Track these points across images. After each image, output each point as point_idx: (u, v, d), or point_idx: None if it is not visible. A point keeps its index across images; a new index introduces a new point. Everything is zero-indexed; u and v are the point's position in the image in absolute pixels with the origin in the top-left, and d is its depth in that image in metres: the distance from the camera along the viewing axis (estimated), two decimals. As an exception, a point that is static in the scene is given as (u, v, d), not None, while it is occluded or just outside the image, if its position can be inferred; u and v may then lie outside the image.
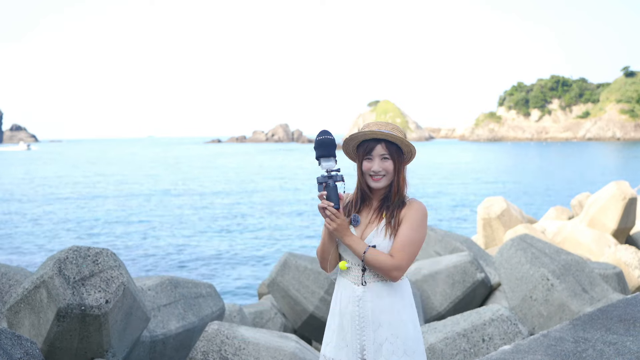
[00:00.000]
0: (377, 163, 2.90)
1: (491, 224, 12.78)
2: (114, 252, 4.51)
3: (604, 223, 11.43)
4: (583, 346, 3.91)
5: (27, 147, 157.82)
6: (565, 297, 6.17)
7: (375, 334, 2.88)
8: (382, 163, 2.90)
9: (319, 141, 2.79)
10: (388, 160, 2.90)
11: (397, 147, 2.92)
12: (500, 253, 7.07)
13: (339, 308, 2.98)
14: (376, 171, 2.90)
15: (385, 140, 2.90)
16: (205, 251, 20.36)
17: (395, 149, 2.92)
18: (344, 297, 2.96)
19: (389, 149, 2.89)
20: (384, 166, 2.90)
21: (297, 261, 7.23)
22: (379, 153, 2.89)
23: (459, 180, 49.25)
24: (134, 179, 53.49)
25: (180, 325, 5.43)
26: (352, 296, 2.92)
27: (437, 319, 7.21)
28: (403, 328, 2.90)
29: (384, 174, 2.90)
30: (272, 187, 45.21)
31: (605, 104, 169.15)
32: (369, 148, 2.91)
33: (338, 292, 3.01)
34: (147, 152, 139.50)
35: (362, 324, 2.89)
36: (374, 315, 2.88)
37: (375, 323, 2.88)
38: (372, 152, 2.90)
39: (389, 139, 2.89)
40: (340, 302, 2.98)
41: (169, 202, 35.13)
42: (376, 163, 2.90)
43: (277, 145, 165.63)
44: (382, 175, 2.90)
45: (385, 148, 2.89)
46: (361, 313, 2.89)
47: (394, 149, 2.91)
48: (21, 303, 4.35)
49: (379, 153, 2.89)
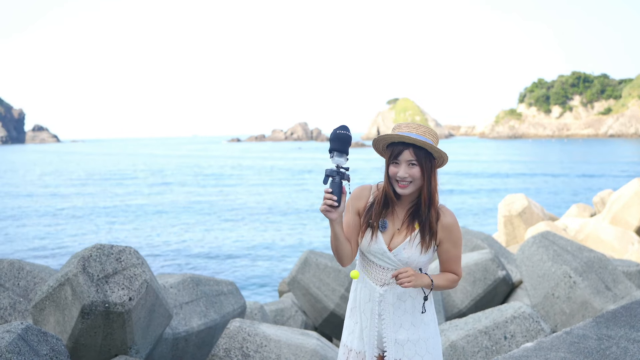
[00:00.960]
0: (403, 169, 2.76)
1: (512, 221, 12.70)
2: (136, 250, 4.55)
3: (627, 220, 11.31)
4: (607, 343, 3.88)
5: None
6: (588, 294, 6.12)
7: (397, 334, 2.86)
8: (409, 169, 2.75)
9: (337, 135, 2.65)
10: (415, 167, 2.75)
11: (426, 152, 2.77)
12: (522, 250, 7.02)
13: (358, 303, 2.95)
14: (402, 177, 2.76)
15: (414, 145, 2.76)
16: (226, 249, 20.46)
17: (425, 155, 2.76)
18: (363, 295, 2.92)
19: (417, 155, 2.75)
20: (411, 172, 2.75)
21: (318, 259, 7.24)
22: (406, 159, 2.75)
23: (479, 177, 48.96)
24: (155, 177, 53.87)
25: (202, 322, 5.47)
26: (372, 295, 2.88)
27: (458, 316, 7.19)
28: (424, 328, 2.89)
29: (410, 181, 2.77)
30: (293, 184, 45.28)
31: (627, 100, 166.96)
32: (396, 152, 2.78)
33: (357, 288, 2.96)
34: (169, 151, 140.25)
35: (382, 323, 2.87)
36: (395, 316, 2.86)
37: (397, 323, 2.86)
38: (399, 157, 2.77)
39: (418, 144, 2.75)
40: (360, 299, 2.94)
41: (190, 200, 35.33)
42: (402, 169, 2.76)
43: (296, 144, 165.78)
44: (409, 182, 2.77)
45: (413, 154, 2.75)
46: (381, 312, 2.87)
47: (423, 155, 2.76)
48: (46, 300, 4.41)
49: (406, 159, 2.76)
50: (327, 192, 2.65)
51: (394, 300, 2.86)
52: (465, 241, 8.82)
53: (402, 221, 2.87)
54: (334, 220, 2.70)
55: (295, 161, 79.40)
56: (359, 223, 2.91)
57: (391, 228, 2.87)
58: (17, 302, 5.05)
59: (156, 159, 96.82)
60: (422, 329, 2.89)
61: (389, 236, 2.86)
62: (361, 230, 2.90)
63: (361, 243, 2.90)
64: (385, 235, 2.86)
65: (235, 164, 76.81)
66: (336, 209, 2.67)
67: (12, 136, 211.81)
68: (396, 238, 2.85)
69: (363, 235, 2.88)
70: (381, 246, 2.84)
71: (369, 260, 2.91)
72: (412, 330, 2.86)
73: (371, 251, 2.86)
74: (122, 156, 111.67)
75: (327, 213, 2.66)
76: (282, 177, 52.72)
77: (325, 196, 2.65)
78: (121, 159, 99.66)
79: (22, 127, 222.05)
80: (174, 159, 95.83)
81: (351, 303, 3.02)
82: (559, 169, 57.63)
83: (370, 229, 2.87)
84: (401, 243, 2.83)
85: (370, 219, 2.87)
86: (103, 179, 53.33)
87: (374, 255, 2.87)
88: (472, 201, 33.43)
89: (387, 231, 2.86)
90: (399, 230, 2.86)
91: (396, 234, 2.86)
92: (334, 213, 2.67)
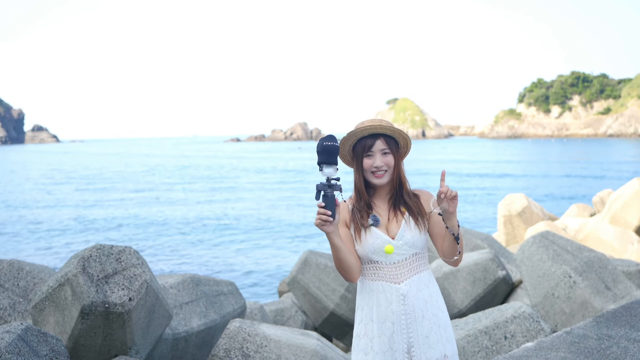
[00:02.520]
0: (378, 158, 2.85)
1: (512, 221, 12.70)
2: (136, 250, 4.55)
3: (627, 220, 11.31)
4: (607, 343, 3.87)
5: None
6: (588, 294, 6.12)
7: (422, 327, 2.84)
8: (384, 158, 2.86)
9: (324, 147, 2.59)
10: (389, 155, 2.87)
11: (394, 141, 2.90)
12: (522, 250, 7.02)
13: (376, 313, 2.85)
14: (379, 166, 2.85)
15: (383, 135, 2.87)
16: (226, 249, 20.46)
17: (394, 143, 2.90)
18: (383, 300, 2.85)
19: (388, 144, 2.87)
20: (386, 161, 2.86)
21: (318, 259, 7.24)
22: (380, 148, 2.86)
23: (479, 177, 48.97)
24: (157, 177, 53.88)
25: (202, 322, 5.46)
26: (395, 295, 2.83)
27: (458, 316, 7.18)
28: (442, 315, 2.91)
29: (386, 169, 2.87)
30: (292, 183, 45.28)
31: (626, 99, 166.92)
32: (368, 145, 2.86)
33: (373, 297, 2.88)
34: (168, 151, 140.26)
35: (409, 320, 2.82)
36: (417, 309, 2.84)
37: (420, 316, 2.84)
38: (373, 148, 2.86)
39: (388, 133, 2.87)
40: (378, 306, 2.86)
41: (189, 200, 35.32)
42: (378, 158, 2.85)
43: (296, 144, 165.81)
44: (385, 171, 2.87)
45: (385, 142, 2.86)
46: (407, 310, 2.83)
47: (393, 143, 2.89)
48: (46, 301, 4.40)
49: (379, 148, 2.86)
50: (320, 207, 2.62)
51: (415, 292, 2.85)
52: (465, 241, 8.82)
53: (387, 212, 2.91)
54: (330, 232, 2.67)
55: (295, 161, 79.39)
56: (349, 234, 2.90)
57: (382, 221, 2.90)
58: (16, 303, 5.05)
59: (155, 159, 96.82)
60: (441, 316, 2.89)
61: (383, 229, 2.88)
62: (356, 236, 2.88)
63: (362, 247, 2.87)
64: (381, 228, 2.88)
65: (235, 164, 76.79)
66: (331, 223, 2.65)
67: (11, 136, 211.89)
68: (392, 227, 2.88)
69: (360, 239, 2.86)
70: (383, 237, 2.85)
71: (377, 264, 2.87)
72: (433, 320, 2.86)
73: (375, 249, 2.84)
74: (123, 156, 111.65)
75: (323, 227, 2.64)
76: (283, 177, 52.73)
77: (319, 211, 2.62)
78: (121, 159, 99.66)
79: (21, 128, 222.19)
80: (172, 159, 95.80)
81: (364, 319, 2.92)
82: (558, 168, 57.64)
83: (364, 230, 2.87)
84: (400, 228, 2.86)
85: (361, 218, 2.89)
86: (102, 179, 53.32)
87: (379, 254, 2.85)
88: (471, 200, 33.44)
89: (380, 225, 2.88)
90: (389, 220, 2.89)
91: (388, 223, 2.89)
92: (329, 226, 2.64)
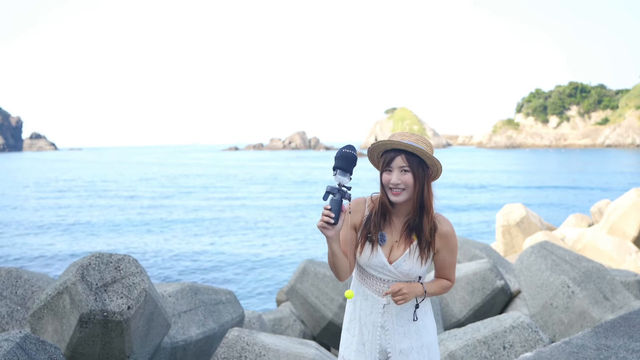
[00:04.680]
0: (396, 175, 2.75)
1: (510, 231, 12.70)
2: (135, 259, 4.55)
3: (625, 230, 11.32)
4: (605, 354, 3.87)
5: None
6: (587, 304, 6.12)
7: (400, 344, 2.85)
8: (402, 176, 2.74)
9: (343, 154, 2.63)
10: (408, 173, 2.74)
11: (419, 160, 2.76)
12: (520, 260, 7.03)
13: (358, 315, 2.93)
14: (395, 184, 2.75)
15: (406, 151, 2.75)
16: (224, 258, 20.42)
17: (418, 162, 2.75)
18: (365, 306, 2.90)
19: (409, 161, 2.74)
20: (403, 179, 2.74)
21: (316, 268, 7.24)
22: (399, 165, 2.75)
23: (477, 187, 48.98)
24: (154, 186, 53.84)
25: (200, 331, 5.46)
26: (375, 306, 2.87)
27: (456, 326, 7.18)
28: (427, 335, 2.90)
29: (403, 188, 2.75)
30: (290, 192, 45.26)
31: (624, 110, 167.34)
32: (388, 159, 2.77)
33: (357, 301, 2.94)
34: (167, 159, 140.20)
35: (385, 333, 2.86)
36: (398, 325, 2.85)
37: (400, 333, 2.85)
38: (392, 164, 2.76)
39: (410, 150, 2.74)
40: (360, 310, 2.92)
41: (188, 208, 35.29)
42: (395, 175, 2.75)
43: (294, 153, 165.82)
44: (402, 189, 2.75)
45: (405, 160, 2.74)
46: (384, 323, 2.86)
47: (416, 162, 2.75)
48: (44, 309, 4.40)
49: (398, 165, 2.75)
50: (325, 209, 2.63)
51: (397, 311, 2.86)
52: (463, 251, 8.82)
53: (399, 233, 2.85)
54: (330, 237, 2.69)
55: (294, 170, 79.38)
56: (355, 237, 2.89)
57: (389, 240, 2.85)
58: (15, 311, 5.05)
59: (154, 167, 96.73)
60: (425, 336, 2.90)
61: (387, 249, 2.84)
62: (360, 244, 2.87)
63: (360, 257, 2.88)
64: (384, 249, 2.84)
65: (233, 173, 76.75)
66: (333, 227, 2.65)
67: (9, 144, 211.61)
68: (395, 250, 2.84)
69: (362, 250, 2.86)
70: (381, 259, 2.83)
71: (369, 274, 2.89)
72: (415, 338, 2.87)
73: (371, 265, 2.85)
74: (121, 165, 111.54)
75: (324, 230, 2.65)
76: (282, 187, 52.70)
77: (324, 212, 2.63)
78: (119, 167, 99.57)
79: (19, 135, 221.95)
80: (171, 167, 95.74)
81: (349, 316, 3.00)
82: (556, 179, 57.68)
83: (369, 243, 2.84)
84: (401, 255, 2.82)
85: (368, 232, 2.85)
86: (101, 188, 53.27)
87: (374, 269, 2.86)
88: (469, 210, 33.43)
89: (385, 244, 2.84)
90: (397, 243, 2.84)
91: (395, 246, 2.84)
92: (330, 230, 2.65)
